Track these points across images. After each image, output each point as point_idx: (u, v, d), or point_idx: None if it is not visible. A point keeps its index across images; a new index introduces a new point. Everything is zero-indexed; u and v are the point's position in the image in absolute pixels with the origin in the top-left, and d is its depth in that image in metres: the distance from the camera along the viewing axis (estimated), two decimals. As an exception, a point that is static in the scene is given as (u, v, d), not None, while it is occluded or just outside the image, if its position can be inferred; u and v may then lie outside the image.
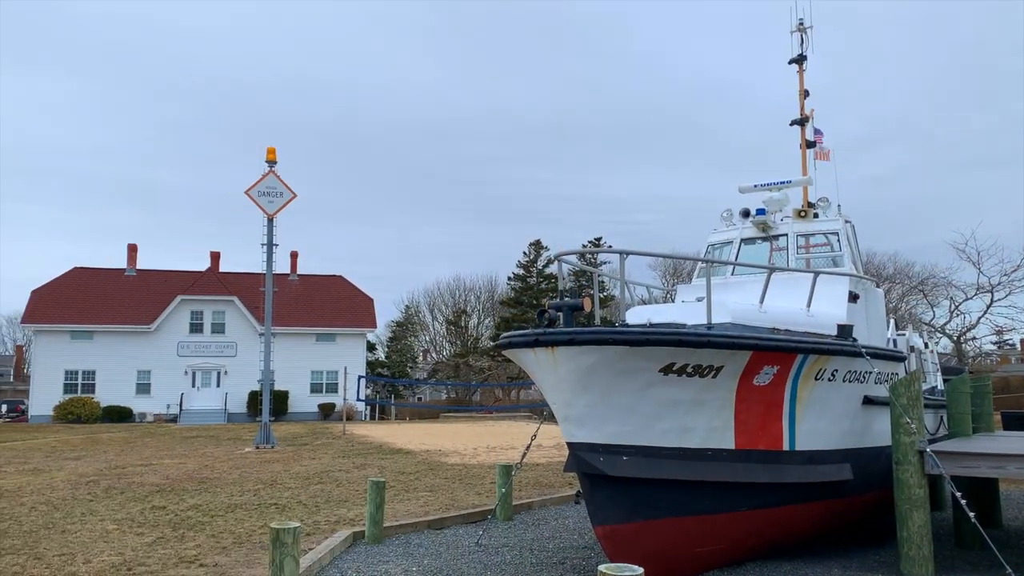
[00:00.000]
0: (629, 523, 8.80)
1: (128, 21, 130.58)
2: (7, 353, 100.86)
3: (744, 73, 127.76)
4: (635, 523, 8.82)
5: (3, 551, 10.38)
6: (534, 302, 67.30)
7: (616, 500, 8.77)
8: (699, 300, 10.42)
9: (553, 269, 69.46)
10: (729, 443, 9.35)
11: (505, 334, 8.85)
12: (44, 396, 49.88)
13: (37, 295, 52.60)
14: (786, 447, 9.83)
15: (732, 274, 12.72)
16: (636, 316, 10.42)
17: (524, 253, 72.50)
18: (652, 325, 8.92)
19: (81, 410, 48.52)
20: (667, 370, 8.61)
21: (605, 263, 56.56)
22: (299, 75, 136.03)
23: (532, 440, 12.92)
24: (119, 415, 49.58)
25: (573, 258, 10.44)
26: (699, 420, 9.09)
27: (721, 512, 9.32)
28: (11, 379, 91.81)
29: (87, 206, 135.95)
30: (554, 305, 8.58)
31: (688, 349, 8.54)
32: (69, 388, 50.41)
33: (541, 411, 40.53)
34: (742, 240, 13.10)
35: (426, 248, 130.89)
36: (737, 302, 10.21)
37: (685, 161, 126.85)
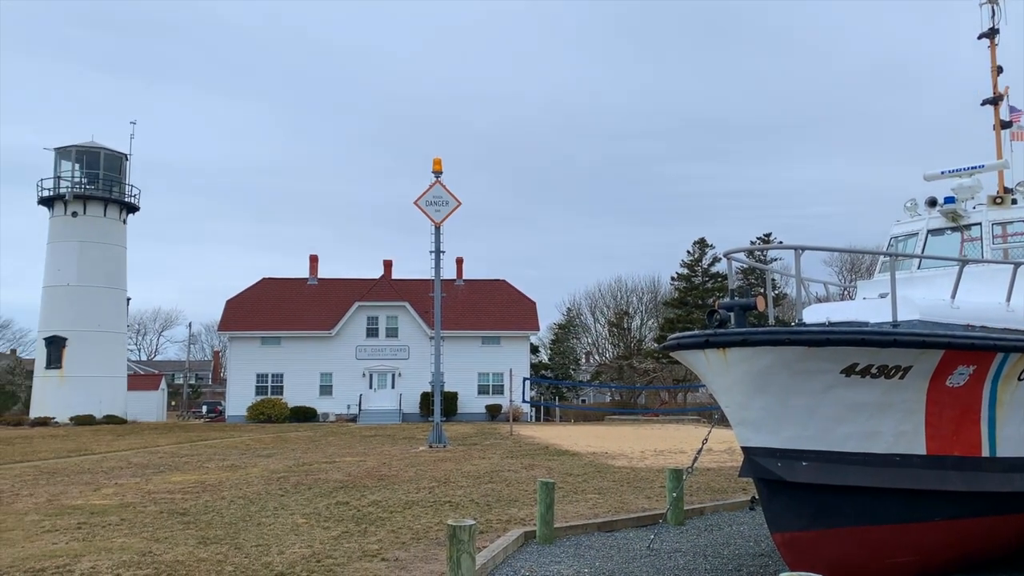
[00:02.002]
0: (810, 531, 8.42)
1: (306, 45, 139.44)
2: (206, 358, 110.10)
3: (927, 51, 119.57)
4: (816, 531, 8.43)
5: (208, 540, 11.32)
6: (699, 302, 65.84)
7: (795, 507, 8.42)
8: (882, 296, 9.84)
9: (720, 268, 67.68)
10: (920, 448, 8.74)
11: (673, 335, 8.67)
12: (239, 398, 54.12)
13: (231, 304, 57.14)
14: (985, 453, 9.08)
15: (918, 268, 11.94)
16: (813, 315, 9.98)
17: (688, 252, 71.08)
18: (831, 324, 8.50)
19: (271, 410, 52.22)
20: (849, 371, 8.17)
21: (776, 260, 54.59)
22: (462, 83, 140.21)
23: (704, 444, 12.61)
24: (304, 415, 52.93)
25: (742, 255, 10.11)
26: (885, 424, 8.56)
27: (911, 522, 8.73)
28: (210, 382, 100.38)
29: (273, 220, 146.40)
30: (725, 305, 8.32)
31: (872, 349, 8.05)
32: (260, 390, 54.40)
33: (711, 414, 39.53)
34: (929, 231, 12.26)
35: (586, 250, 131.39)
36: (925, 297, 9.55)
37: (864, 150, 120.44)
